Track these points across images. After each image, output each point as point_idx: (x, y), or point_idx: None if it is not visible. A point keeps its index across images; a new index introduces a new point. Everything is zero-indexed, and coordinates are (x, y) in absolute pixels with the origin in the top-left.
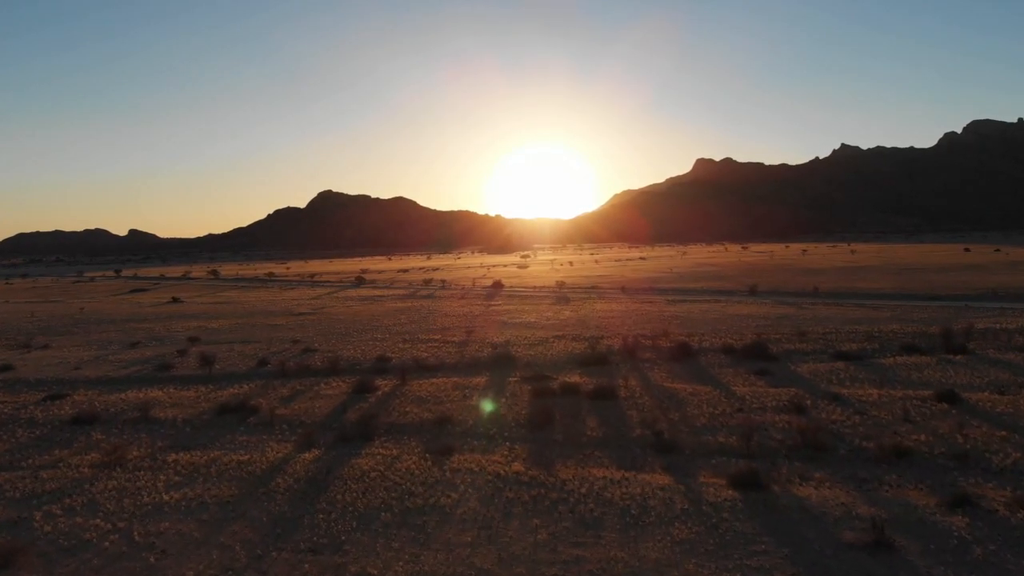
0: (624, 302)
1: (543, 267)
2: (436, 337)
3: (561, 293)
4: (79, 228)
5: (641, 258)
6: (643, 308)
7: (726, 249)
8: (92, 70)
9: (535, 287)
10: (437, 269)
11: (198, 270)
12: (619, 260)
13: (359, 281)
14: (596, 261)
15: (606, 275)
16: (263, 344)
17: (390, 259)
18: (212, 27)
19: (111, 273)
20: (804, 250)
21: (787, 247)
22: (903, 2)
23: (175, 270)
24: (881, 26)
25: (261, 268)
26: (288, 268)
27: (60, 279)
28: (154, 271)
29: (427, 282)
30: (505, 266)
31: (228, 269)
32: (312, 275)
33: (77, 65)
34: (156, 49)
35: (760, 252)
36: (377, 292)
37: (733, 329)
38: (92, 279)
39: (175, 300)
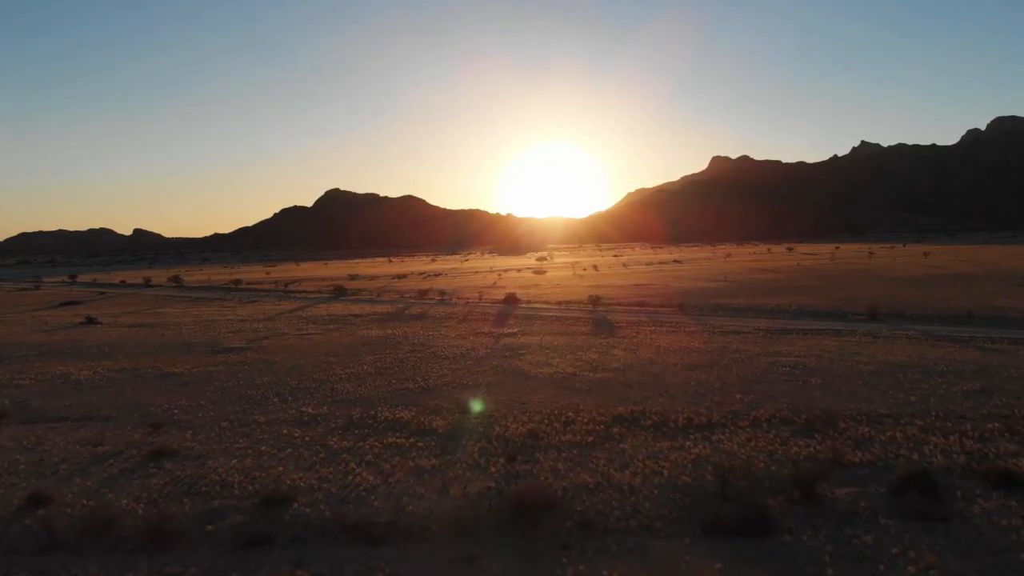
0: (696, 332)
1: (563, 272)
2: (405, 416)
3: (598, 314)
4: (83, 228)
5: (676, 261)
6: (734, 346)
7: (769, 251)
8: (98, 70)
9: (560, 302)
10: (439, 275)
11: (168, 275)
12: (651, 264)
13: (338, 292)
14: (624, 265)
15: (645, 284)
16: (108, 427)
17: (391, 261)
18: (220, 27)
19: (68, 278)
20: (870, 252)
21: (837, 247)
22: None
23: (150, 274)
24: (900, 24)
25: (246, 272)
26: (268, 273)
27: (7, 284)
28: (121, 276)
29: (423, 293)
30: (519, 271)
31: (209, 272)
32: (289, 283)
33: (82, 65)
34: (162, 49)
35: (809, 254)
36: (356, 309)
37: (942, 406)
38: (37, 287)
39: (89, 321)
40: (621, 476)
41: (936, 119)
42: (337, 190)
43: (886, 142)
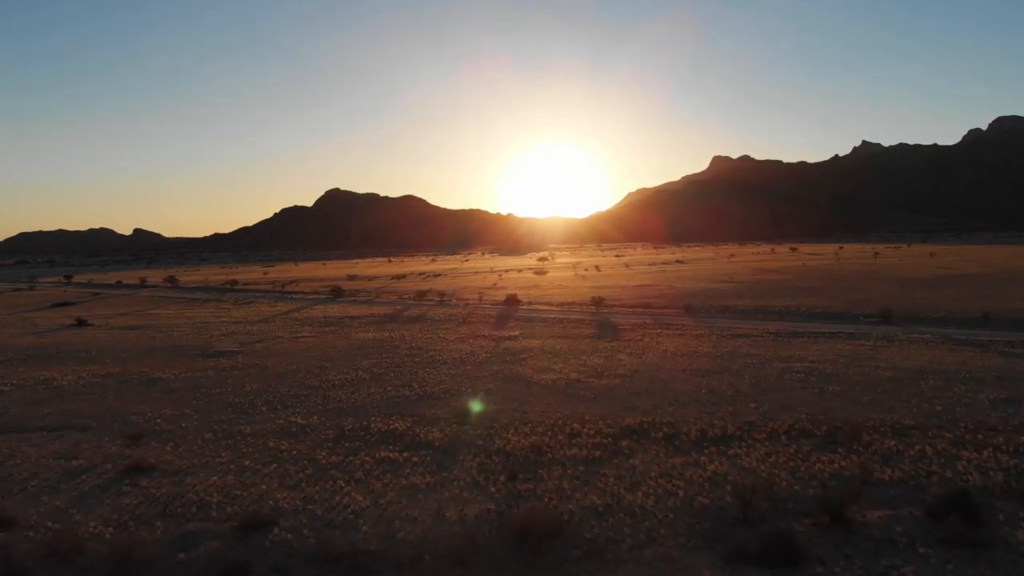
0: (704, 336)
1: (565, 272)
2: (399, 427)
3: (601, 316)
4: (83, 228)
5: (679, 262)
6: (744, 350)
7: (773, 251)
8: (98, 70)
9: (562, 304)
10: (439, 275)
11: (165, 275)
12: (653, 264)
13: (336, 294)
14: (627, 265)
15: (648, 285)
16: (85, 437)
17: (390, 261)
18: (220, 27)
19: (63, 279)
20: (876, 252)
21: (841, 248)
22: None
23: (147, 274)
24: (901, 23)
25: (243, 272)
26: (266, 274)
27: (2, 285)
28: (117, 276)
29: (422, 294)
30: (520, 271)
31: (206, 273)
32: (287, 283)
33: (82, 65)
34: (162, 49)
35: (814, 255)
36: (353, 310)
37: (969, 416)
38: (32, 288)
39: (79, 323)
40: (632, 497)
41: (937, 119)
42: (337, 190)
43: (887, 142)
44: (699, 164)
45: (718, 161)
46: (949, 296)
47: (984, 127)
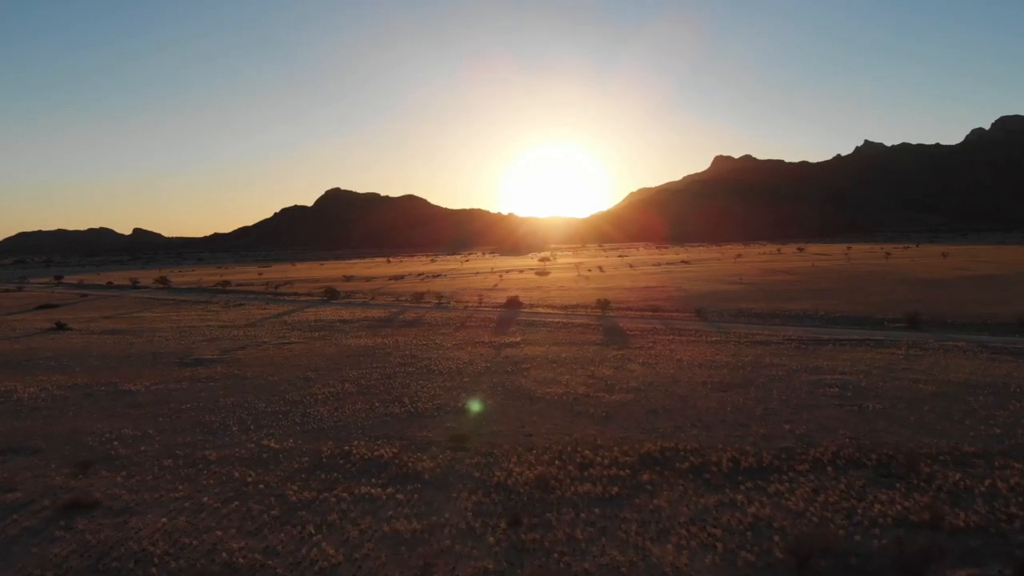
0: (720, 342)
1: (567, 273)
2: (385, 453)
3: (608, 320)
4: (83, 227)
5: (684, 262)
6: (767, 359)
7: (779, 252)
8: (98, 70)
9: (565, 307)
10: (438, 276)
11: (159, 276)
12: (658, 264)
13: (330, 295)
14: (631, 266)
15: (655, 287)
16: (30, 463)
17: (389, 262)
18: (221, 27)
19: (53, 280)
20: (887, 253)
21: (849, 248)
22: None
23: (142, 274)
24: (903, 23)
25: (239, 273)
26: (261, 274)
27: None
28: (111, 277)
29: (419, 296)
30: (521, 272)
31: (201, 273)
32: (281, 284)
33: (82, 65)
34: (164, 49)
35: (822, 255)
36: (346, 313)
37: None
38: (21, 288)
39: (58, 326)
40: (661, 551)
41: (940, 118)
42: (338, 190)
43: (889, 141)
44: (701, 163)
45: (720, 161)
46: (973, 299)
47: (987, 127)
